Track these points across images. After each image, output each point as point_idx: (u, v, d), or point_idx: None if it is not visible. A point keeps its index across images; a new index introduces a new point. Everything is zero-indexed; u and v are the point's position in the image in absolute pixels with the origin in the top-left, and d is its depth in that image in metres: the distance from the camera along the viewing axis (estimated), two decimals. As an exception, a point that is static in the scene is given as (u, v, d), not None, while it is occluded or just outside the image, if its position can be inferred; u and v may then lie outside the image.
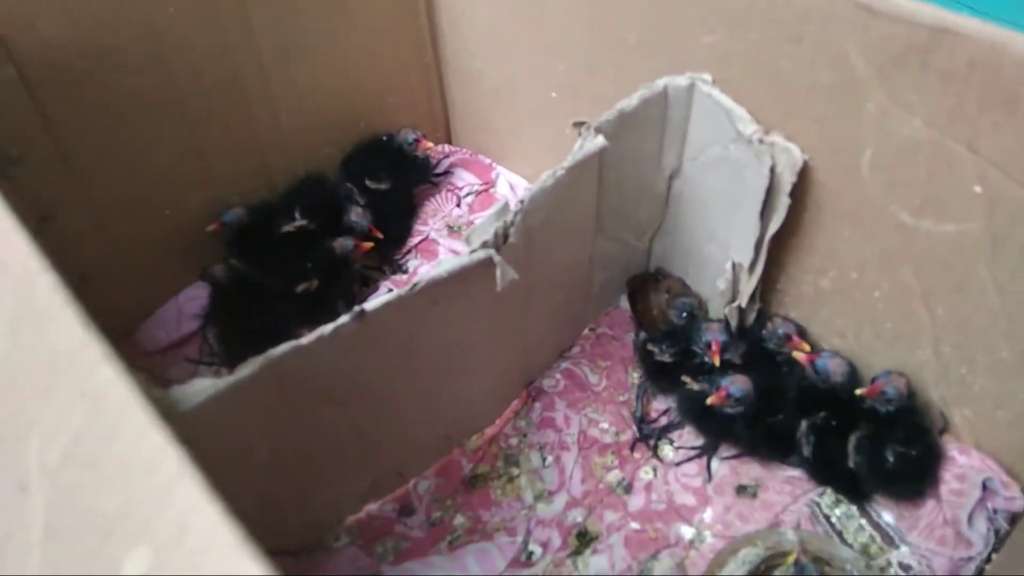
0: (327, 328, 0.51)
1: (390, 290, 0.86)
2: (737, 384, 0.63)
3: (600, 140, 0.62)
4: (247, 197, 0.83)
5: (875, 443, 0.61)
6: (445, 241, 0.91)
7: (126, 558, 0.28)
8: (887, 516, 0.63)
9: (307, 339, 0.50)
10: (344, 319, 0.51)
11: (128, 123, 0.72)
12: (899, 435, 0.61)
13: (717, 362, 0.67)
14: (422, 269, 0.89)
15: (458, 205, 0.95)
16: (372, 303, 0.53)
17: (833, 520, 0.63)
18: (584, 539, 0.66)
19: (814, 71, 0.58)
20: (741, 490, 0.67)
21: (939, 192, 0.55)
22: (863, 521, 0.63)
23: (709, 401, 0.63)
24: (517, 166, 0.96)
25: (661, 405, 0.75)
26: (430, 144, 0.92)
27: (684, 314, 0.73)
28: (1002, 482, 0.60)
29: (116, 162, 0.73)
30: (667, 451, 0.71)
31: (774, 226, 0.64)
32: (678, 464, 0.70)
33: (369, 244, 0.82)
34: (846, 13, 0.54)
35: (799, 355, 0.65)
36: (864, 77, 0.55)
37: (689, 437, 0.71)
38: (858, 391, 0.63)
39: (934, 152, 0.54)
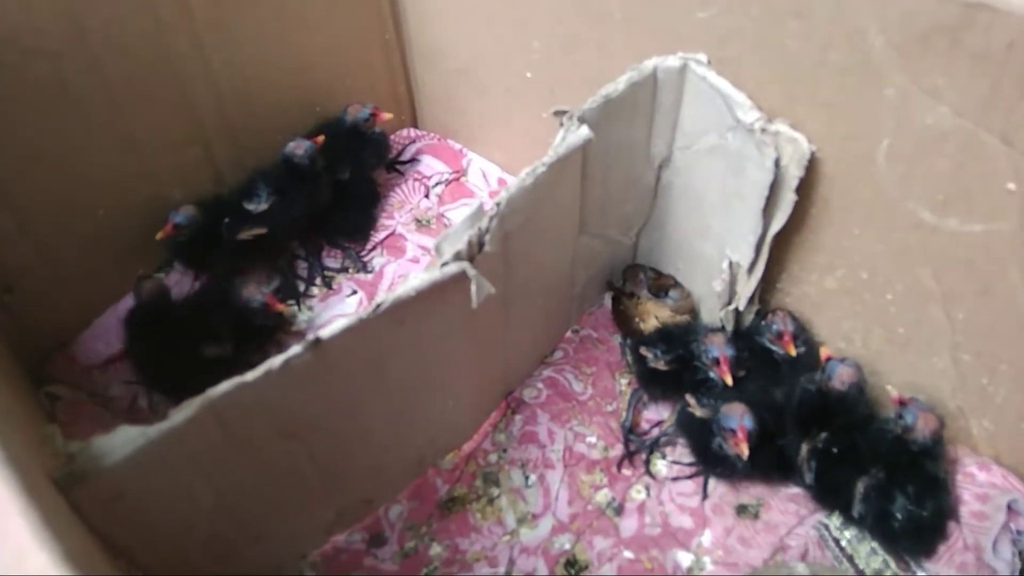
0: (276, 361, 0.44)
1: (354, 291, 0.80)
2: (742, 417, 0.58)
3: (584, 131, 0.55)
4: (191, 193, 0.75)
5: (883, 495, 0.55)
6: (413, 236, 0.84)
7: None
8: (901, 538, 0.58)
9: (253, 375, 0.43)
10: (296, 350, 0.44)
11: (49, 114, 0.64)
12: (910, 487, 0.55)
13: (729, 381, 0.60)
14: (389, 268, 0.81)
15: (427, 196, 0.87)
16: (328, 330, 0.45)
17: (843, 544, 0.58)
18: (573, 568, 0.60)
19: (825, 51, 0.51)
20: (742, 510, 0.62)
21: (967, 188, 0.49)
22: (875, 544, 0.58)
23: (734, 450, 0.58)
24: (490, 152, 0.89)
25: (653, 415, 0.69)
26: (388, 116, 0.82)
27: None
28: (1027, 502, 0.56)
29: (37, 159, 0.65)
30: (660, 466, 0.66)
31: (777, 225, 0.58)
32: (674, 479, 0.64)
33: (280, 307, 0.70)
34: (863, -15, 0.47)
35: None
36: (883, 58, 0.49)
37: (684, 451, 0.66)
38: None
39: (962, 144, 0.48)
